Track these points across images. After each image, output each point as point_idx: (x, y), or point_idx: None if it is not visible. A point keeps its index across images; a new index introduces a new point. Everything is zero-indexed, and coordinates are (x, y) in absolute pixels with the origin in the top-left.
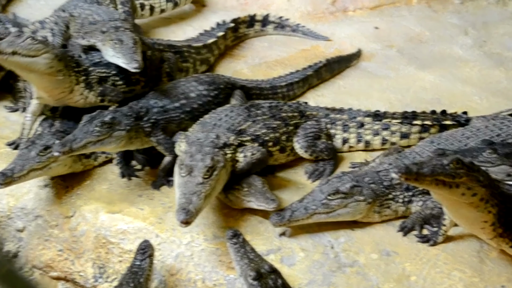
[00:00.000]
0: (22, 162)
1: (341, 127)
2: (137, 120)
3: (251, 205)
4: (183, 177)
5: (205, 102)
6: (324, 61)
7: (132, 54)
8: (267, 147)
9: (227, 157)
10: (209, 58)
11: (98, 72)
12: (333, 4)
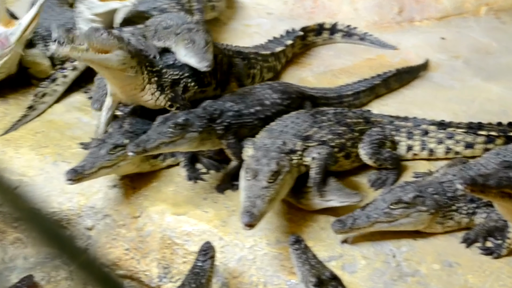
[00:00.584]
0: (92, 160)
1: (406, 134)
2: (210, 122)
3: (332, 203)
4: (248, 180)
5: (278, 111)
6: (394, 70)
7: (204, 54)
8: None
9: (293, 163)
10: (276, 66)
11: (171, 74)
12: (400, 14)
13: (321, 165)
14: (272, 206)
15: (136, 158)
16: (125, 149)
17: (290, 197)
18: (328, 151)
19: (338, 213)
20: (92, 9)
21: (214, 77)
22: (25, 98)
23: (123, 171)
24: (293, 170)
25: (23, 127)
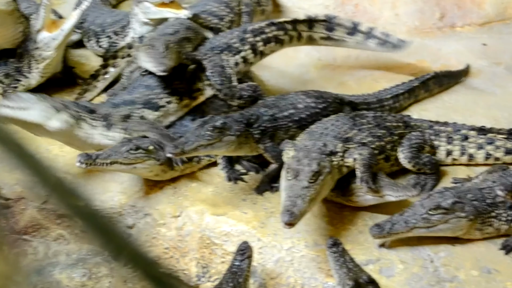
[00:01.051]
0: (110, 152)
1: (445, 139)
2: (247, 127)
3: (388, 198)
4: (289, 180)
5: (312, 113)
6: (432, 73)
7: (161, 58)
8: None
9: (333, 164)
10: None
11: (118, 112)
12: (441, 20)
13: (365, 164)
14: (312, 206)
15: (155, 166)
16: (145, 153)
17: (337, 196)
18: (369, 151)
19: (377, 216)
20: (147, 14)
21: (174, 93)
22: (69, 98)
23: (139, 173)
24: (334, 172)
25: None
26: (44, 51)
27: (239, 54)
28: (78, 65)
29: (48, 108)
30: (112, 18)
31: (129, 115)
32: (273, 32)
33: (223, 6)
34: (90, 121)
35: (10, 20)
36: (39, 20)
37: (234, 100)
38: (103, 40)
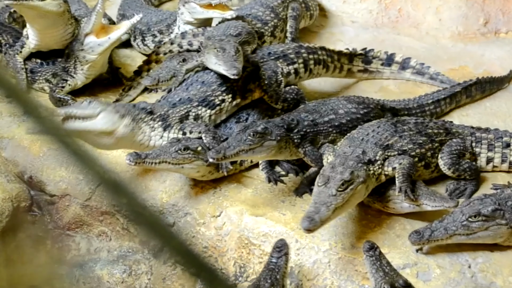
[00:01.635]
0: (159, 152)
1: (486, 146)
2: (288, 132)
3: (425, 208)
4: (318, 186)
5: (353, 119)
6: (475, 79)
7: (233, 61)
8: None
9: (370, 173)
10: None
11: (177, 112)
12: (485, 26)
13: (405, 173)
14: (337, 214)
15: (202, 167)
16: (193, 153)
17: (374, 202)
18: (409, 161)
19: (415, 221)
20: (193, 14)
21: (228, 91)
22: (115, 97)
23: (186, 173)
24: (370, 181)
25: None
26: (88, 54)
27: (293, 65)
28: (124, 66)
29: (113, 115)
30: (157, 17)
31: (187, 114)
32: (323, 56)
33: (269, 11)
34: (150, 123)
35: (60, 21)
36: (90, 24)
37: (278, 103)
38: (148, 38)
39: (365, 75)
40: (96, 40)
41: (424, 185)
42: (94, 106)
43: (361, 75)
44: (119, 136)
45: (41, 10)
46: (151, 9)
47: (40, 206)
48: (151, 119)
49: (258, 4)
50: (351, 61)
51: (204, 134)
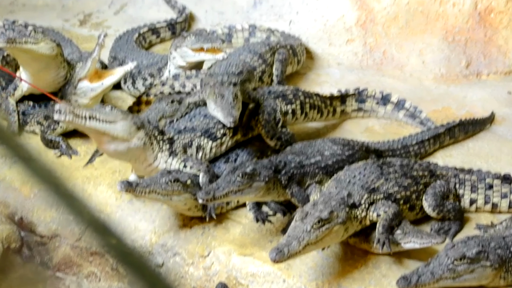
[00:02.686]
0: (149, 182)
1: (470, 187)
2: (275, 173)
3: (412, 246)
4: (295, 221)
5: (339, 160)
6: (458, 121)
7: (230, 109)
8: (398, 205)
9: (352, 216)
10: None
11: (182, 139)
12: (467, 68)
13: (385, 225)
14: (307, 250)
15: (189, 200)
16: (182, 186)
17: (361, 243)
18: (394, 211)
19: (401, 261)
20: (185, 57)
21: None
22: None
23: (173, 205)
24: (351, 224)
25: (103, 165)
26: (81, 98)
27: (291, 105)
28: (116, 107)
29: (131, 124)
30: (148, 60)
31: (190, 142)
32: (318, 102)
33: (256, 57)
34: (160, 143)
35: (53, 65)
36: (85, 69)
37: (273, 139)
38: (139, 81)
39: (360, 114)
40: (90, 85)
41: (410, 224)
42: (116, 113)
43: (356, 114)
44: (132, 146)
45: (34, 53)
46: (142, 52)
47: (30, 247)
48: (161, 139)
49: (246, 51)
50: (344, 102)
51: (203, 173)
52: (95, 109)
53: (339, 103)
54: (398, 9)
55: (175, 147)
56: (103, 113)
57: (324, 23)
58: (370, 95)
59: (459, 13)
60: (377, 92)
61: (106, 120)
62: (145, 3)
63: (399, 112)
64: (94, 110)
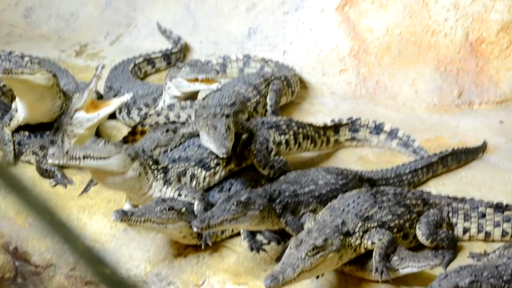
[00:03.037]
0: (144, 210)
1: (463, 216)
2: (270, 202)
3: (410, 270)
4: (290, 248)
5: (332, 189)
6: (451, 150)
7: (223, 140)
8: (392, 232)
9: (346, 244)
10: (313, 137)
11: (176, 168)
12: (459, 97)
13: (382, 253)
14: (302, 278)
15: (185, 228)
16: (177, 214)
17: (357, 271)
18: (389, 238)
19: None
20: (180, 88)
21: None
22: None
23: (168, 234)
24: (345, 252)
25: (98, 195)
26: (77, 128)
27: (284, 135)
28: (111, 137)
29: (125, 157)
30: (143, 90)
31: (184, 172)
32: (312, 132)
33: (251, 88)
34: (154, 172)
35: (49, 95)
36: (81, 100)
37: (266, 168)
38: (134, 111)
39: (354, 143)
40: (86, 115)
41: (405, 249)
42: (109, 148)
43: (349, 144)
44: (127, 178)
45: (30, 83)
46: (137, 82)
47: (24, 277)
48: (156, 169)
49: (241, 82)
50: (338, 132)
51: (198, 201)
52: (88, 146)
53: (333, 133)
54: (390, 39)
55: (170, 176)
56: (97, 150)
57: (318, 53)
58: (363, 124)
59: (450, 43)
60: (370, 121)
61: (100, 156)
62: (141, 33)
63: (392, 141)
64: (87, 148)
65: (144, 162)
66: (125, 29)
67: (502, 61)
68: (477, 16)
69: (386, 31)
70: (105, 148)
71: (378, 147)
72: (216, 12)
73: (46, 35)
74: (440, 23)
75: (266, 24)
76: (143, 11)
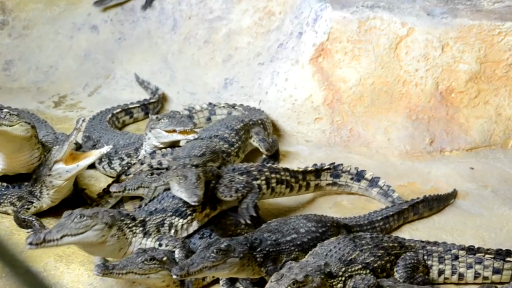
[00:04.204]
0: (126, 263)
1: (437, 258)
2: (251, 250)
3: None
4: (271, 282)
5: (313, 237)
6: (422, 197)
7: (194, 189)
8: (376, 273)
9: (328, 285)
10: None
11: (154, 219)
12: (431, 145)
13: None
14: None
15: (167, 277)
16: (159, 264)
17: None
18: (372, 283)
19: None
20: (159, 138)
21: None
22: None
23: (151, 283)
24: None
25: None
26: (55, 179)
27: (256, 181)
28: (89, 186)
29: (103, 227)
30: (124, 141)
31: (162, 222)
32: (286, 177)
33: (234, 133)
34: (132, 229)
35: (27, 146)
36: (61, 152)
37: (233, 194)
38: (115, 161)
39: (334, 188)
40: (65, 167)
41: (399, 282)
42: (85, 223)
43: (330, 188)
44: (108, 245)
45: (9, 135)
46: (116, 132)
47: None
48: (134, 225)
49: (224, 126)
50: (319, 177)
51: (179, 249)
52: (63, 224)
53: (314, 177)
54: (363, 89)
55: (148, 227)
56: (73, 227)
57: (293, 103)
58: (345, 170)
59: (421, 92)
60: (352, 168)
61: (78, 232)
62: (119, 85)
63: (373, 189)
64: (63, 227)
65: (122, 224)
66: (104, 80)
67: (471, 110)
68: (446, 67)
69: (359, 81)
70: (81, 223)
71: (359, 194)
72: (193, 64)
73: (25, 87)
74: (411, 73)
75: (242, 74)
76: (121, 63)
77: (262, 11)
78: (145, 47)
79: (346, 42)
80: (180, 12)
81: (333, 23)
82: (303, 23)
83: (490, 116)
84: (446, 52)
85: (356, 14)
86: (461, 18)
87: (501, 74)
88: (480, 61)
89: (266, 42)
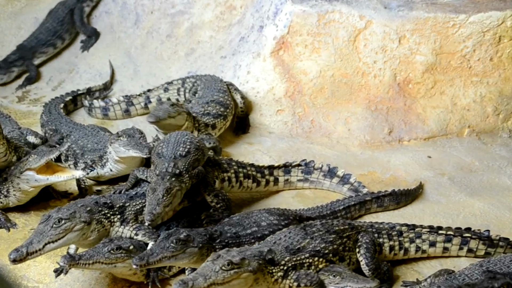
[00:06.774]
0: (92, 253)
1: (386, 236)
2: (210, 240)
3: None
4: (208, 261)
5: (275, 230)
6: (390, 191)
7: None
8: (328, 258)
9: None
10: (255, 176)
11: (133, 206)
12: (390, 134)
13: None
14: None
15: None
16: (125, 253)
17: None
18: (315, 280)
19: None
20: (118, 153)
21: None
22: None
23: (119, 272)
24: (263, 278)
25: None
26: (23, 183)
27: (226, 173)
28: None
29: (82, 226)
30: (92, 145)
31: (141, 209)
32: (252, 172)
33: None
34: (110, 218)
35: None
36: (37, 164)
37: (210, 196)
38: (80, 165)
39: (306, 184)
40: (35, 175)
41: (348, 269)
42: (64, 227)
43: (301, 185)
44: (90, 239)
45: None
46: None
47: None
48: (111, 214)
49: (215, 90)
50: (288, 172)
51: (153, 242)
52: (42, 232)
53: (282, 173)
54: (323, 81)
55: (127, 214)
56: (53, 234)
57: (255, 95)
58: (317, 167)
59: (380, 84)
60: (324, 165)
61: (58, 238)
62: (82, 79)
63: (344, 186)
64: (43, 236)
65: (99, 216)
66: (67, 75)
67: (428, 100)
68: (403, 58)
69: (319, 73)
70: (60, 227)
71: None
72: (156, 58)
73: None
74: (369, 65)
75: (204, 68)
76: (84, 57)
77: (223, 5)
78: (108, 42)
79: (306, 35)
80: (142, 7)
81: (293, 17)
82: (264, 16)
83: (446, 106)
84: (403, 44)
85: (316, 8)
86: (417, 11)
87: (456, 65)
88: (435, 52)
89: (227, 35)
